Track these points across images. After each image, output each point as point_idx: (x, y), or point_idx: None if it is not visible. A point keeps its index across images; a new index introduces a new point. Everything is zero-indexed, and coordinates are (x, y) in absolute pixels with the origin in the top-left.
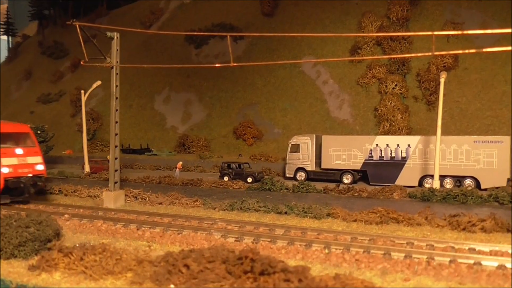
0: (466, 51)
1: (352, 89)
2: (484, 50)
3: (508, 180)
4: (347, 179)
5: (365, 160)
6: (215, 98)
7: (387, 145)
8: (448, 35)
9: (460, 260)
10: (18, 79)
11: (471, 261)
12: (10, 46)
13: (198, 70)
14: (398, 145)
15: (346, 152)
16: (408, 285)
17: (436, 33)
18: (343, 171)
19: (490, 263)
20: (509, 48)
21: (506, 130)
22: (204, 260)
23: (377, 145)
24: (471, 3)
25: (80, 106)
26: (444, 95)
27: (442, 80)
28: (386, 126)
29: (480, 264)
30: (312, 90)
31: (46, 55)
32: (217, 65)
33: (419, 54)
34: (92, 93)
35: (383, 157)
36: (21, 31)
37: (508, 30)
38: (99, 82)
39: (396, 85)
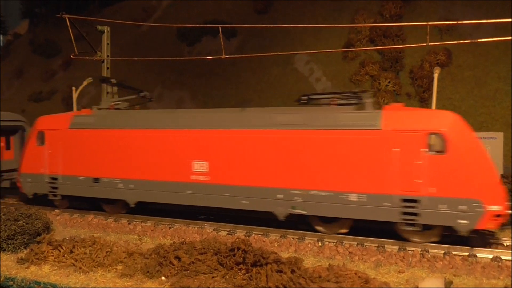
0: (461, 41)
1: (345, 86)
2: (479, 40)
3: (502, 176)
4: None
5: None
6: (207, 96)
7: None
8: (442, 25)
9: (454, 253)
10: (9, 77)
11: (466, 253)
12: (1, 44)
13: (191, 68)
14: None
15: None
16: (402, 276)
17: (430, 23)
18: None
19: (485, 255)
20: (504, 38)
21: (499, 127)
22: (196, 252)
23: None
24: (465, 1)
25: (72, 104)
26: (437, 92)
27: (435, 76)
28: None
29: (475, 256)
30: (305, 88)
31: (38, 54)
32: (208, 57)
33: (414, 45)
34: (84, 91)
35: None
36: (12, 29)
37: (506, 20)
38: (90, 79)
39: (389, 82)
